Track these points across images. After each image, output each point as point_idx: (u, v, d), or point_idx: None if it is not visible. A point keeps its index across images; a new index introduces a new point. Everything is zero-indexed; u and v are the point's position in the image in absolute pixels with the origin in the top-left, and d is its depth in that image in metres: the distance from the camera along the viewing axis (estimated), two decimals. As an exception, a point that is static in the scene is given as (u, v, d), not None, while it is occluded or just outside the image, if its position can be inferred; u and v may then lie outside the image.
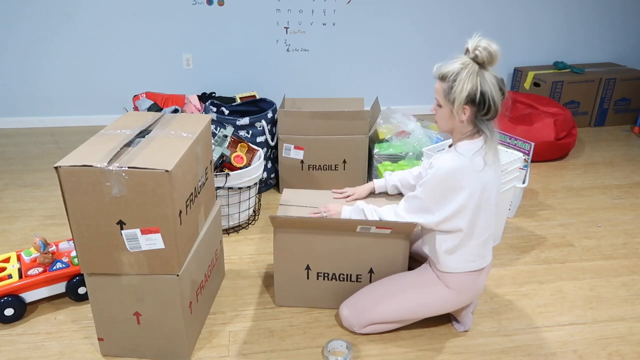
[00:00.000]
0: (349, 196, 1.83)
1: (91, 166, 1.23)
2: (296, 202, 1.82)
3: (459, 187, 1.40)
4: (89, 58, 3.45)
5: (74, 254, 1.77)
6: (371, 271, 1.67)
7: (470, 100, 1.35)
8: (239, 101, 3.04)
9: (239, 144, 2.22)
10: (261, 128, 2.48)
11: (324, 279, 1.70)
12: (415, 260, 1.77)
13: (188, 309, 1.48)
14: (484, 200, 1.43)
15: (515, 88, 3.81)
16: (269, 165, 2.61)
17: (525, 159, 2.22)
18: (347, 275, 1.68)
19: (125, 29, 3.40)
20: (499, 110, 1.39)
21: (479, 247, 1.49)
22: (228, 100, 3.08)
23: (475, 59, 1.35)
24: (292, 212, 1.75)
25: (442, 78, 1.39)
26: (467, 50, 1.37)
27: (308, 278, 1.71)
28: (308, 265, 1.69)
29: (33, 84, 3.47)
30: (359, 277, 1.68)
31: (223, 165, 2.13)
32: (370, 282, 1.68)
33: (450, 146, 1.51)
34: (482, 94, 1.34)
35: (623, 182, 2.78)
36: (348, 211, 1.65)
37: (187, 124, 1.55)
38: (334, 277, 1.69)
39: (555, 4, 3.73)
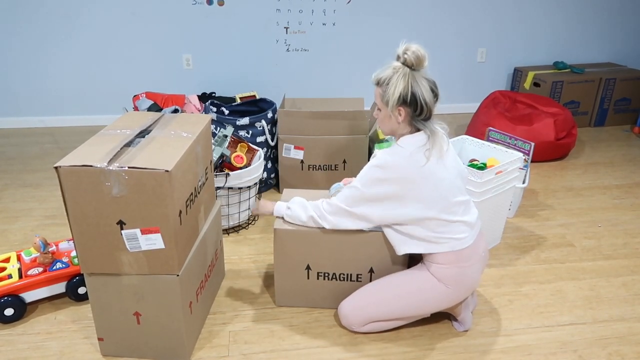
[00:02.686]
0: None
1: (91, 166, 1.23)
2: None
3: (393, 178, 1.44)
4: (89, 58, 3.45)
5: (74, 253, 1.77)
6: (371, 270, 1.67)
7: (403, 101, 1.43)
8: (238, 101, 3.04)
9: (239, 144, 2.22)
10: (261, 128, 2.48)
11: (324, 278, 1.70)
12: (416, 260, 1.77)
13: (188, 309, 1.48)
14: (434, 198, 1.46)
15: (515, 88, 3.81)
16: (269, 165, 2.61)
17: (525, 159, 2.22)
18: (347, 275, 1.68)
19: (125, 29, 3.40)
20: (432, 111, 1.47)
21: (439, 232, 1.50)
22: (228, 100, 3.08)
23: (404, 63, 1.44)
24: None
25: (378, 83, 1.49)
26: (397, 56, 1.46)
27: (308, 278, 1.71)
28: (308, 265, 1.69)
29: (33, 84, 3.47)
30: (359, 276, 1.68)
31: (223, 165, 2.13)
32: (371, 281, 1.68)
33: None
34: (413, 94, 1.42)
35: (623, 182, 2.78)
36: (283, 207, 1.66)
37: (187, 124, 1.55)
38: (334, 276, 1.69)
39: (555, 4, 3.74)
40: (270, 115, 2.51)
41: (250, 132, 2.46)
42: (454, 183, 1.51)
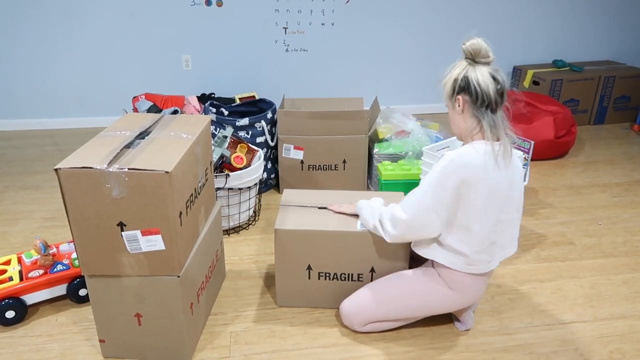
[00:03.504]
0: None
1: (91, 168, 1.23)
2: (297, 202, 1.82)
3: (465, 182, 1.36)
4: (89, 60, 3.45)
5: (74, 255, 1.77)
6: (372, 270, 1.67)
7: (459, 87, 1.39)
8: (238, 102, 3.03)
9: (239, 145, 2.22)
10: (261, 128, 2.48)
11: (325, 278, 1.70)
12: (416, 260, 1.77)
13: (189, 310, 1.48)
14: (491, 204, 1.39)
15: (515, 87, 3.80)
16: (269, 165, 2.61)
17: (525, 158, 2.22)
18: (348, 274, 1.68)
19: (124, 30, 3.40)
20: (492, 98, 1.36)
21: (481, 252, 1.45)
22: (227, 101, 3.08)
23: (464, 55, 1.41)
24: (292, 212, 1.75)
25: (441, 82, 1.46)
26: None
27: (309, 278, 1.70)
28: (309, 265, 1.68)
29: (33, 86, 3.47)
30: (360, 276, 1.68)
31: (223, 166, 2.13)
32: (372, 281, 1.68)
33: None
34: (466, 78, 1.37)
35: (623, 180, 2.78)
36: (365, 205, 1.62)
37: (186, 125, 1.55)
38: (335, 276, 1.69)
39: (554, 2, 3.73)
40: (269, 115, 2.51)
41: (250, 132, 2.46)
42: (509, 196, 1.43)
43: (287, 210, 1.76)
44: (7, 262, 1.76)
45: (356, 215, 1.68)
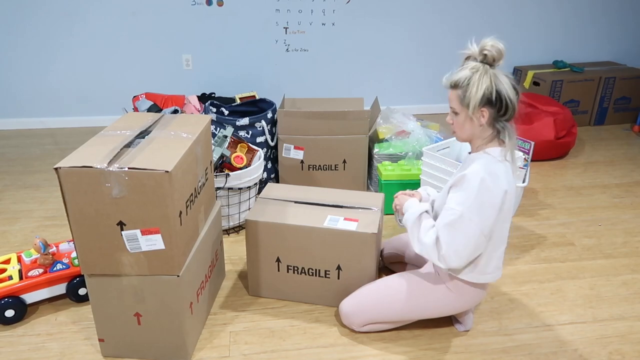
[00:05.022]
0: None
1: (91, 167, 1.23)
2: (276, 196, 1.84)
3: (500, 190, 1.34)
4: (89, 59, 3.45)
5: (74, 255, 1.77)
6: (339, 268, 1.68)
7: (487, 100, 1.33)
8: (238, 101, 3.04)
9: (239, 145, 2.23)
10: (261, 128, 2.48)
11: (294, 272, 1.73)
12: (414, 266, 1.77)
13: (189, 310, 1.48)
14: (506, 209, 1.39)
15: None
16: (269, 165, 2.61)
17: (525, 158, 2.22)
18: (315, 270, 1.70)
19: (124, 29, 3.40)
20: (516, 109, 1.35)
21: (498, 258, 1.46)
22: (228, 101, 3.08)
23: (484, 60, 1.35)
24: (268, 205, 1.77)
25: (455, 85, 1.37)
26: (468, 57, 1.38)
27: (279, 270, 1.74)
28: (278, 258, 1.71)
29: (33, 85, 3.47)
30: (327, 273, 1.70)
31: (223, 165, 2.13)
32: (339, 279, 1.69)
33: (469, 153, 1.46)
34: (498, 92, 1.32)
35: (623, 181, 2.78)
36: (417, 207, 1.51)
37: (187, 125, 1.55)
38: (303, 271, 1.71)
39: (554, 3, 3.73)
40: (270, 115, 2.51)
41: (250, 132, 2.46)
42: (514, 201, 1.43)
43: (265, 203, 1.79)
44: (7, 261, 1.76)
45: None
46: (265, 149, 2.51)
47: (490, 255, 1.44)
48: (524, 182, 2.26)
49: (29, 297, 1.68)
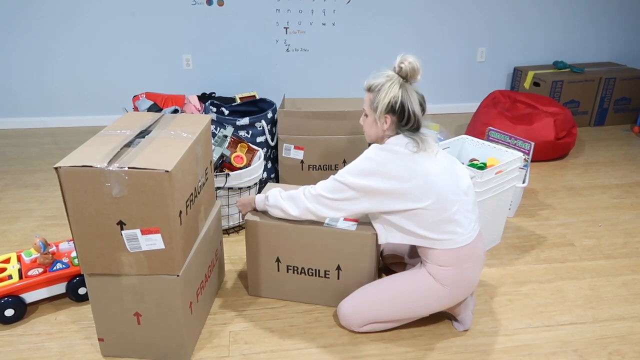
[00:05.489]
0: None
1: (91, 166, 1.23)
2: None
3: (382, 171, 1.45)
4: (89, 59, 3.45)
5: (74, 254, 1.77)
6: (339, 268, 1.68)
7: (391, 108, 1.46)
8: (238, 101, 3.04)
9: (239, 144, 2.23)
10: (261, 128, 2.48)
11: (293, 272, 1.73)
12: (411, 265, 1.78)
13: (188, 309, 1.48)
14: (424, 192, 1.45)
15: (515, 88, 3.81)
16: (269, 165, 2.61)
17: (525, 159, 2.22)
18: (315, 270, 1.70)
19: (125, 29, 3.40)
20: (420, 123, 1.49)
21: (434, 229, 1.49)
22: (228, 101, 3.08)
23: (399, 73, 1.47)
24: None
25: (369, 89, 1.51)
26: (394, 67, 1.48)
27: (279, 270, 1.74)
28: (278, 258, 1.71)
29: (34, 84, 3.47)
30: (327, 273, 1.70)
31: (223, 165, 2.13)
32: (339, 279, 1.69)
33: None
34: (402, 104, 1.45)
35: (623, 181, 2.78)
36: (261, 199, 1.68)
37: (187, 124, 1.55)
38: (303, 271, 1.72)
39: (555, 3, 3.74)
40: (270, 115, 2.51)
41: (250, 132, 2.46)
42: (446, 180, 1.49)
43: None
44: (7, 261, 1.76)
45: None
46: (265, 149, 2.51)
47: (415, 223, 1.48)
48: (524, 182, 2.26)
49: (29, 297, 1.68)
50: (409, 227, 1.50)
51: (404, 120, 1.47)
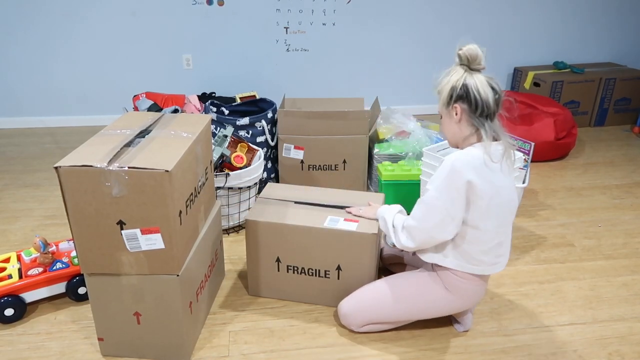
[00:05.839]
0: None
1: (91, 166, 1.23)
2: (276, 196, 1.83)
3: (468, 181, 1.34)
4: (90, 58, 3.45)
5: (74, 254, 1.77)
6: (339, 268, 1.68)
7: (457, 96, 1.37)
8: (238, 101, 3.04)
9: (239, 144, 2.22)
10: (261, 128, 2.48)
11: (293, 272, 1.72)
12: (411, 267, 1.77)
13: (188, 309, 1.48)
14: (495, 205, 1.38)
15: (515, 88, 3.80)
16: (269, 165, 2.61)
17: (525, 159, 2.22)
18: (315, 270, 1.70)
19: (125, 29, 3.40)
20: (491, 107, 1.36)
21: (490, 253, 1.44)
22: (228, 100, 3.08)
23: (460, 61, 1.39)
24: (268, 205, 1.77)
25: (438, 91, 1.44)
26: (454, 59, 1.42)
27: (279, 270, 1.73)
28: (278, 258, 1.71)
29: (34, 84, 3.47)
30: (327, 273, 1.70)
31: (223, 165, 2.13)
32: (339, 279, 1.69)
33: None
34: (465, 85, 1.36)
35: (623, 182, 2.78)
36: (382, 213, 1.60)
37: (187, 124, 1.55)
38: (303, 271, 1.71)
39: (555, 4, 3.73)
40: (270, 115, 2.51)
41: (250, 132, 2.46)
42: (512, 200, 1.43)
43: (265, 202, 1.79)
44: (7, 260, 1.76)
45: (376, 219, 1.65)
46: (265, 149, 2.51)
47: (476, 246, 1.42)
48: (524, 182, 2.26)
49: (29, 296, 1.68)
50: (467, 248, 1.43)
51: (474, 105, 1.36)
